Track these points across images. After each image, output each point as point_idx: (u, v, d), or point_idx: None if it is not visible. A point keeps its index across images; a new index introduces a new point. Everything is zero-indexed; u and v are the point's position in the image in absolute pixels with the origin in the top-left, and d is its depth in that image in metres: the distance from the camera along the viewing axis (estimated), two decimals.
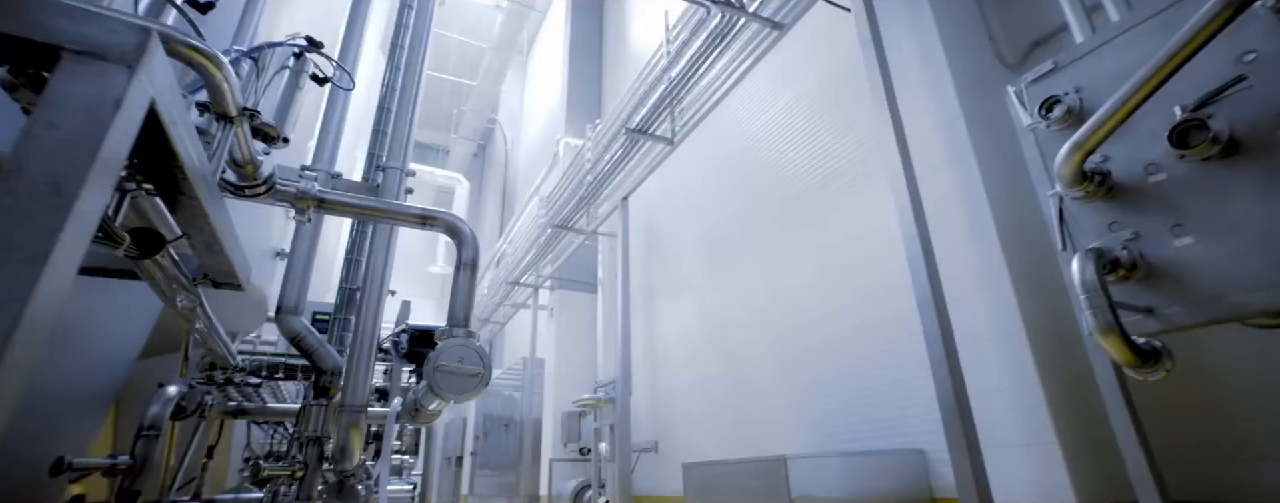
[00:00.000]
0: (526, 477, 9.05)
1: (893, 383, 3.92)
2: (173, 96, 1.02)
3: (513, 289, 10.68)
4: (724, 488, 4.15)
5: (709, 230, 6.55)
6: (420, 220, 1.97)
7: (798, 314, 5.00)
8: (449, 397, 1.67)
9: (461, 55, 17.65)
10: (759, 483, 3.73)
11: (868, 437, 4.05)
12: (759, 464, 3.77)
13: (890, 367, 3.96)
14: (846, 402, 4.30)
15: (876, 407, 4.03)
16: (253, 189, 1.67)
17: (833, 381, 4.48)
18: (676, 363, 6.76)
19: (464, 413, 15.31)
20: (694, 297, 6.62)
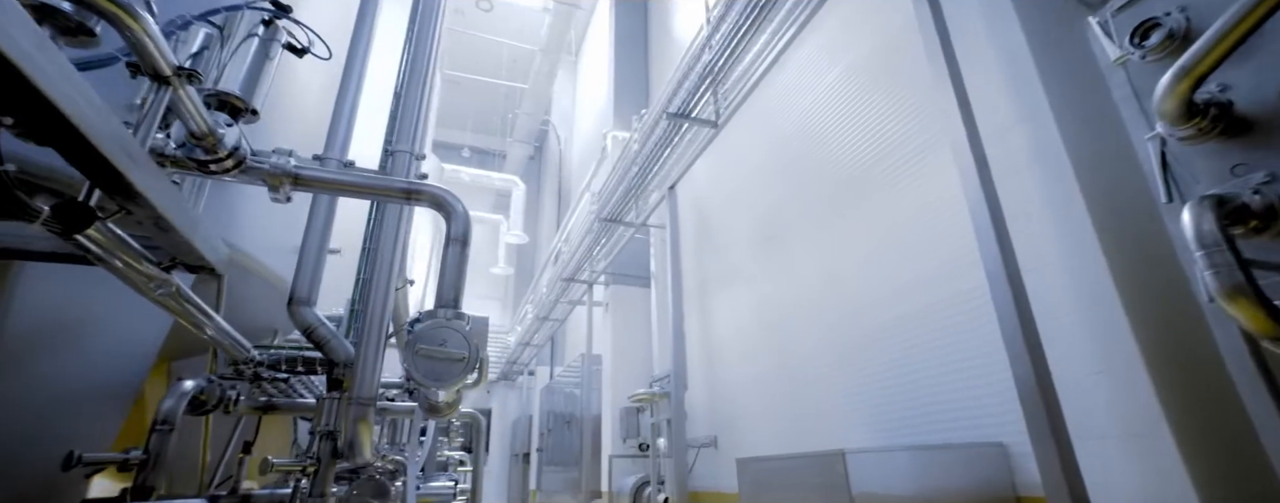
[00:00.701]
0: (588, 473, 8.95)
1: (965, 369, 3.50)
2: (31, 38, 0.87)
3: (568, 286, 10.61)
4: (779, 485, 3.84)
5: (760, 217, 6.20)
6: (405, 194, 1.80)
7: (855, 300, 4.61)
8: (428, 385, 1.49)
9: (513, 60, 17.85)
10: (816, 479, 3.41)
11: (937, 429, 3.65)
12: (815, 460, 3.45)
13: (962, 352, 3.55)
14: (912, 391, 3.90)
15: (946, 396, 3.62)
16: (218, 164, 1.54)
17: (895, 369, 4.08)
18: (732, 355, 6.45)
19: (529, 410, 15.46)
20: (747, 286, 6.29)
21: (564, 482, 11.01)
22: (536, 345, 14.17)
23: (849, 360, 4.60)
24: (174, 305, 1.66)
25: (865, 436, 4.31)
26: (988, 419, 3.31)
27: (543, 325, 12.88)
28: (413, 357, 1.50)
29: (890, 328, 4.20)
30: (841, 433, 4.58)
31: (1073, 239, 2.77)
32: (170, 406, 2.16)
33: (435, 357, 1.49)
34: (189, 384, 2.27)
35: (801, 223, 5.46)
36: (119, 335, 2.25)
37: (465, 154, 20.23)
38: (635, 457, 8.30)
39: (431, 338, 1.51)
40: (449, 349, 1.50)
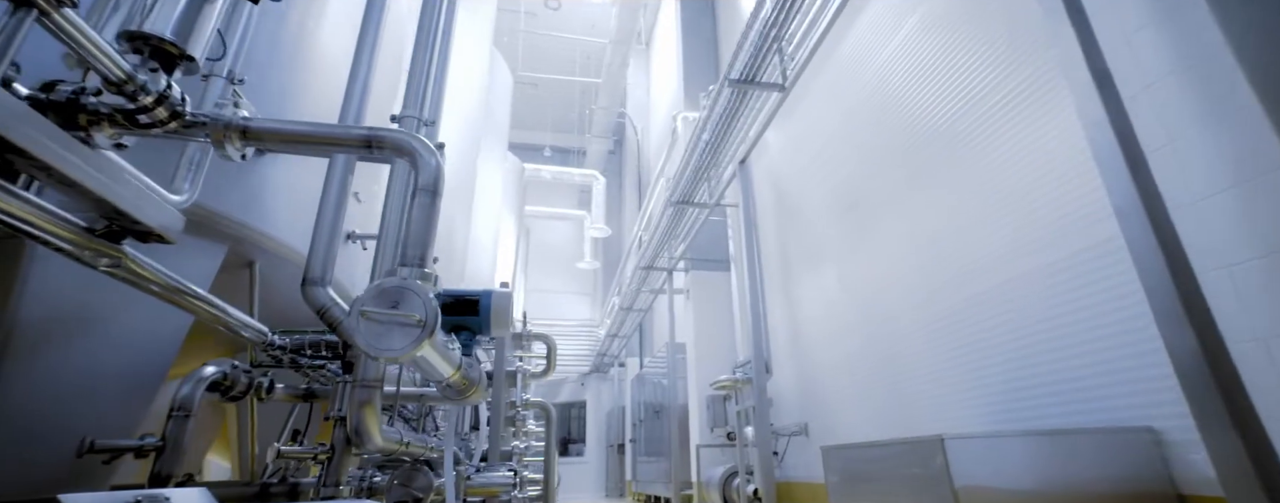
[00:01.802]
0: (678, 463, 8.65)
1: (1094, 339, 2.85)
2: None
3: (648, 275, 10.35)
4: (871, 475, 3.34)
5: (839, 187, 5.61)
6: (365, 143, 1.56)
7: (951, 267, 3.97)
8: (374, 352, 1.22)
9: (585, 56, 17.82)
10: (913, 469, 2.89)
11: (1059, 412, 3.01)
12: (910, 447, 2.93)
13: (1089, 318, 2.89)
14: (1025, 367, 3.26)
15: (1068, 371, 2.97)
16: (148, 114, 1.35)
17: (1002, 342, 3.44)
18: (820, 337, 5.90)
19: (622, 401, 15.40)
20: (831, 261, 5.71)
21: (657, 472, 10.78)
22: (624, 337, 14.05)
23: (946, 335, 3.98)
24: (124, 276, 1.50)
25: (971, 419, 3.69)
26: (1128, 398, 2.65)
27: (628, 316, 12.72)
28: (356, 320, 1.23)
29: (993, 297, 3.56)
30: (943, 417, 3.97)
31: (1245, 161, 2.11)
32: (186, 392, 2.06)
33: (384, 321, 1.22)
34: (209, 370, 2.17)
35: (884, 189, 4.84)
36: (141, 323, 2.18)
37: (547, 153, 20.50)
38: (723, 446, 7.91)
39: (382, 299, 1.24)
40: (401, 312, 1.22)
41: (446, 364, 1.65)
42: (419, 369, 1.57)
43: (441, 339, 1.53)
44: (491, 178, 11.37)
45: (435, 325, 1.27)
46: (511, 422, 4.37)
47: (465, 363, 2.18)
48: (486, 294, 2.29)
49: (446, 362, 1.64)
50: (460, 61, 7.87)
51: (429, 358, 1.47)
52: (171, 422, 2.01)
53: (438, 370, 1.63)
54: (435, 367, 1.57)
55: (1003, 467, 2.47)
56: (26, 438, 1.86)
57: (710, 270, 9.55)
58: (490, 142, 11.31)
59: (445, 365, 1.64)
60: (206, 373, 2.13)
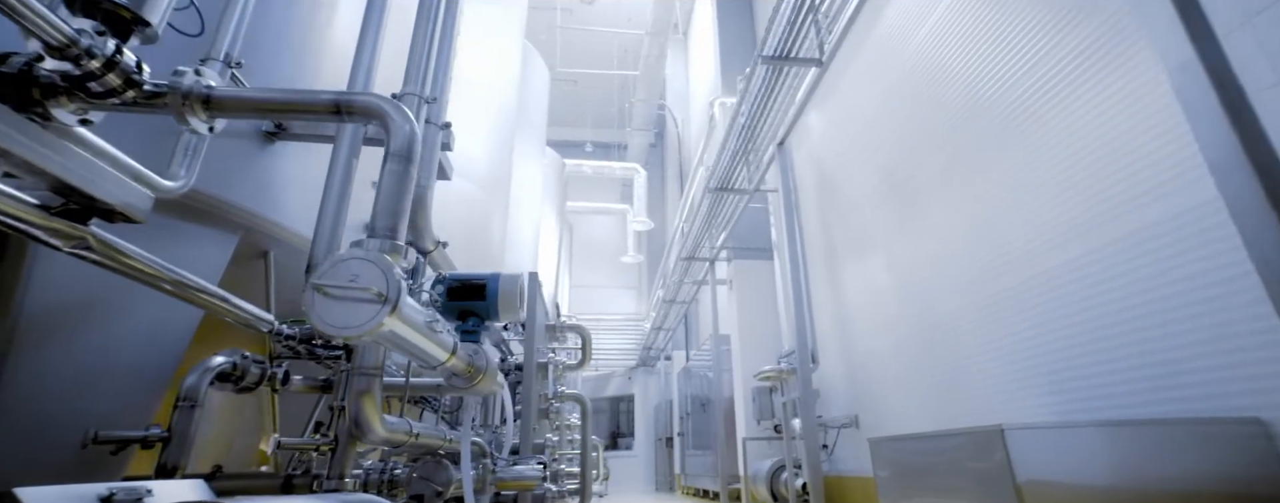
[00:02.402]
0: (725, 457, 8.42)
1: (1178, 318, 2.49)
2: None
3: (689, 265, 10.13)
4: (924, 469, 3.06)
5: (884, 169, 5.26)
6: (334, 108, 1.42)
7: (1009, 245, 3.62)
8: (329, 330, 1.08)
9: (623, 49, 17.66)
10: (970, 463, 2.61)
11: (1139, 400, 2.65)
12: (966, 439, 2.65)
13: (1171, 292, 2.53)
14: (1095, 352, 2.90)
15: (1150, 356, 2.61)
16: (99, 81, 1.25)
17: (1070, 325, 3.08)
18: (869, 325, 5.57)
19: (669, 395, 15.24)
20: (879, 248, 5.37)
21: (705, 466, 10.58)
22: (668, 329, 13.87)
23: (1005, 318, 3.62)
24: (97, 260, 1.41)
25: (1033, 409, 3.35)
26: (1230, 385, 2.29)
27: (671, 308, 12.53)
28: (312, 296, 1.09)
29: (1059, 274, 3.20)
30: (1001, 406, 3.63)
31: None
32: (192, 382, 2.00)
33: (340, 297, 1.08)
34: (217, 360, 2.10)
35: (931, 168, 4.49)
36: (151, 313, 2.13)
37: (588, 149, 20.49)
38: (770, 439, 7.63)
39: (340, 272, 1.10)
40: (359, 285, 1.07)
41: (435, 347, 1.51)
42: (403, 352, 1.43)
43: (421, 318, 1.38)
44: (530, 174, 11.36)
45: (398, 300, 1.11)
46: (545, 415, 4.25)
47: (470, 349, 2.05)
48: (494, 277, 2.15)
49: (434, 344, 1.50)
50: (490, 57, 7.82)
51: (408, 338, 1.32)
52: (177, 412, 1.95)
53: (425, 353, 1.48)
54: (420, 348, 1.42)
55: (1073, 460, 2.17)
56: (35, 430, 1.82)
57: (753, 259, 9.25)
58: (527, 138, 11.29)
59: (434, 348, 1.50)
60: (213, 363, 2.06)
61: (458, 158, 6.82)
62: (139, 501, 1.42)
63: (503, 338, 4.18)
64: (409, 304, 1.27)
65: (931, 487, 2.90)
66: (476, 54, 7.54)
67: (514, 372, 4.19)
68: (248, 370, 2.19)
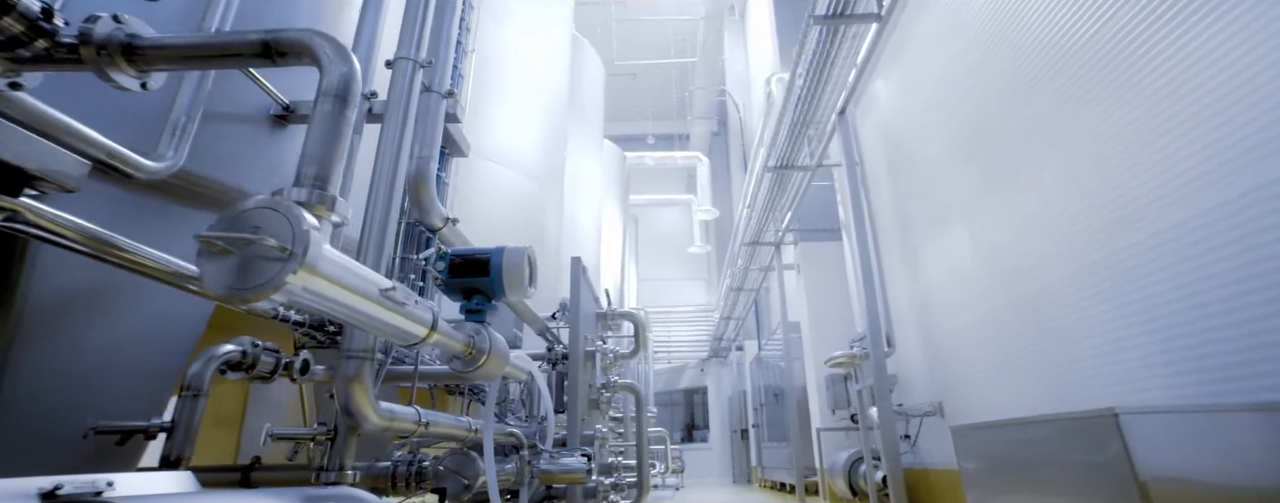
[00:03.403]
0: (800, 448, 7.97)
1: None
2: None
3: (754, 251, 9.69)
4: (1018, 461, 2.60)
5: (962, 133, 4.69)
6: (262, 48, 1.23)
7: (1116, 206, 3.06)
8: (218, 290, 0.87)
9: (680, 37, 17.29)
10: (1076, 454, 2.16)
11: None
12: (1071, 425, 2.20)
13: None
14: (1236, 323, 2.35)
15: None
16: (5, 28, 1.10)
17: (1207, 289, 2.53)
18: (950, 305, 5.01)
19: (742, 386, 14.80)
20: (960, 218, 4.80)
21: (782, 458, 10.14)
22: (738, 319, 13.43)
23: (1123, 283, 3.07)
24: (28, 232, 1.30)
25: (1165, 390, 2.80)
26: None
27: (739, 297, 12.10)
28: (200, 251, 0.90)
29: (1185, 232, 2.64)
30: (1121, 387, 3.08)
31: None
32: (196, 371, 1.92)
33: (224, 250, 0.87)
34: (224, 348, 2.01)
35: (1018, 127, 3.92)
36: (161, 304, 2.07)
37: (650, 141, 20.25)
38: (846, 429, 7.13)
39: (238, 223, 0.90)
40: (257, 237, 0.87)
41: (401, 319, 1.30)
42: (358, 325, 1.23)
43: (366, 282, 1.17)
44: (587, 168, 11.25)
45: (305, 255, 0.90)
46: (595, 405, 4.05)
47: (471, 329, 1.84)
48: (498, 251, 1.93)
49: (399, 316, 1.29)
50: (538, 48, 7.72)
51: (348, 305, 1.12)
52: (181, 402, 1.87)
53: (387, 325, 1.28)
54: (376, 319, 1.22)
55: (1218, 453, 1.70)
56: (40, 422, 1.78)
57: (821, 241, 8.72)
58: (584, 131, 11.18)
59: (399, 320, 1.29)
60: (220, 352, 1.97)
61: (508, 150, 6.75)
62: (99, 494, 1.30)
63: (548, 327, 4.00)
64: (337, 263, 1.06)
65: (1028, 481, 2.46)
66: (524, 46, 7.46)
67: (562, 362, 4.01)
68: (258, 359, 2.09)
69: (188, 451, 1.85)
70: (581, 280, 3.96)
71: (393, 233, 1.85)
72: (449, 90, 2.22)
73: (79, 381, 1.87)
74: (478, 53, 6.58)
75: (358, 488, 1.48)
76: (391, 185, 1.88)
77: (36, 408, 1.78)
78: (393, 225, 1.86)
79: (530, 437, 3.27)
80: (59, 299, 1.87)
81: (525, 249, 1.96)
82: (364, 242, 1.78)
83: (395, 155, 1.91)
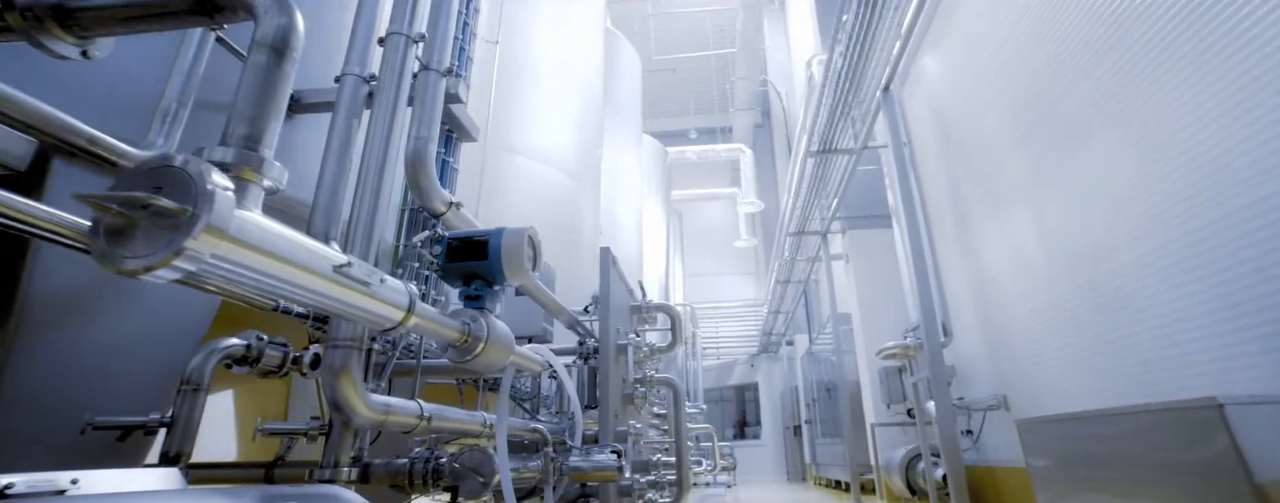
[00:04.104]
0: (853, 444, 7.60)
1: None
2: None
3: (800, 241, 9.33)
4: (1095, 458, 2.29)
5: (1021, 106, 4.28)
6: (196, 3, 1.11)
7: (1207, 175, 2.66)
8: (107, 262, 0.74)
9: (718, 27, 16.95)
10: (1169, 453, 1.85)
11: None
12: (1163, 418, 1.89)
13: None
14: None
15: None
16: None
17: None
18: (1013, 291, 4.60)
19: (793, 381, 14.35)
20: (1019, 199, 4.39)
21: (836, 455, 9.74)
22: (786, 313, 13.03)
23: (1209, 263, 2.68)
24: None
25: (1259, 380, 2.41)
26: None
27: (787, 289, 11.72)
28: (93, 218, 0.77)
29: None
30: (1208, 376, 2.69)
31: None
32: (197, 364, 1.85)
33: (113, 213, 0.74)
34: (226, 342, 1.94)
35: (1086, 95, 3.52)
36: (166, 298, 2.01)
37: (692, 136, 19.97)
38: (902, 425, 6.74)
39: (135, 183, 0.77)
40: (150, 198, 0.73)
41: (366, 298, 1.16)
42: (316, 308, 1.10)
43: (321, 259, 1.03)
44: (626, 163, 11.11)
45: (207, 217, 0.76)
46: (630, 400, 3.88)
47: (468, 315, 1.70)
48: (497, 232, 1.79)
49: (363, 295, 1.15)
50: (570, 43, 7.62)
51: (296, 282, 0.98)
52: (180, 397, 1.80)
53: (349, 305, 1.14)
54: (332, 298, 1.08)
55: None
56: (40, 418, 1.74)
57: (869, 228, 8.30)
58: (621, 127, 11.05)
59: (364, 299, 1.15)
60: (221, 345, 1.91)
61: (542, 146, 6.68)
62: (62, 492, 1.21)
63: (578, 320, 3.86)
64: (265, 229, 0.92)
65: (1106, 480, 2.14)
66: (556, 41, 7.38)
67: (594, 356, 3.86)
68: (263, 353, 2.02)
69: (188, 446, 1.78)
70: (611, 271, 3.80)
71: (385, 218, 1.73)
72: (448, 68, 2.09)
73: (82, 377, 1.83)
74: (510, 49, 6.53)
75: (337, 485, 1.36)
76: (381, 167, 1.76)
77: (39, 404, 1.75)
78: (384, 210, 1.74)
79: (558, 433, 3.13)
80: (62, 295, 1.83)
81: (525, 229, 1.80)
82: (352, 227, 1.67)
83: (386, 135, 1.79)
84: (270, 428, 1.90)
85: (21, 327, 1.76)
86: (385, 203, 1.75)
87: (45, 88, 1.73)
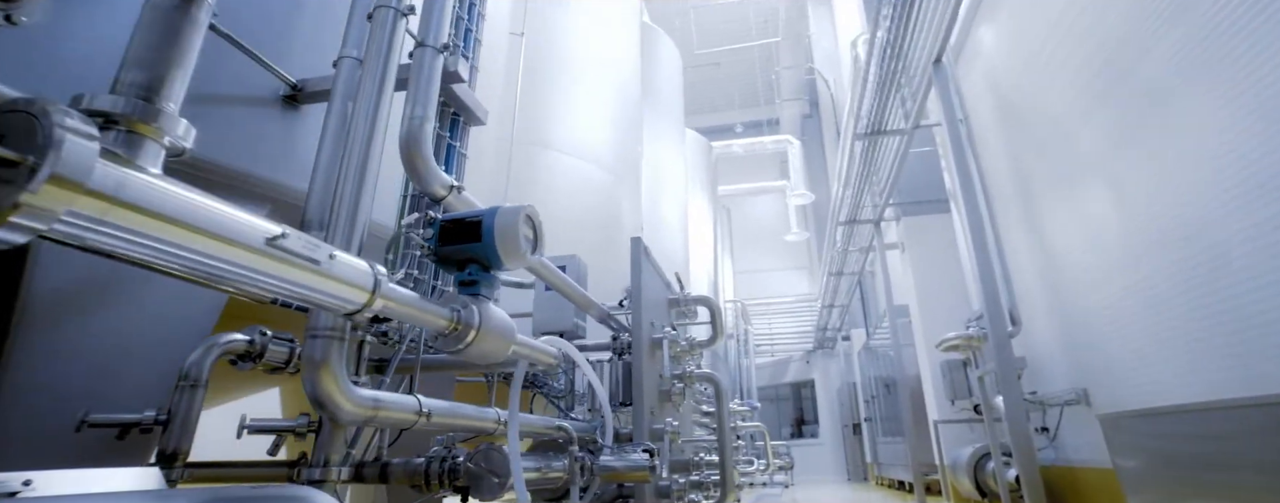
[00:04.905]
0: (915, 443, 7.14)
1: None
2: None
3: (851, 230, 8.89)
4: (1202, 457, 1.94)
5: (1099, 64, 3.83)
6: None
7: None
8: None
9: (761, 18, 16.52)
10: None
11: None
12: None
13: None
14: None
15: None
16: None
17: None
18: (1091, 274, 4.14)
19: (851, 377, 13.76)
20: (1100, 174, 3.93)
21: (897, 454, 9.23)
22: (840, 306, 12.51)
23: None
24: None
25: None
26: None
27: (841, 282, 11.23)
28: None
29: None
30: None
31: None
32: (195, 359, 1.79)
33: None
34: (229, 337, 1.88)
35: (1169, 46, 3.08)
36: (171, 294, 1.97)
37: (737, 130, 19.56)
38: (969, 421, 6.26)
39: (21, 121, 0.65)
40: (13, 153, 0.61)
41: (313, 276, 1.03)
42: (242, 288, 0.97)
43: (249, 229, 0.90)
44: (668, 159, 10.91)
45: (52, 167, 0.63)
46: (667, 397, 3.69)
47: (460, 302, 1.56)
48: (490, 212, 1.64)
49: (311, 273, 1.01)
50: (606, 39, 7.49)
51: (208, 252, 0.85)
52: (177, 393, 1.74)
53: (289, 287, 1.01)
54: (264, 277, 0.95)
55: None
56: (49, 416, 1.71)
57: (925, 214, 7.80)
58: (662, 122, 10.87)
59: (307, 277, 1.02)
60: (222, 340, 1.84)
61: (578, 141, 6.57)
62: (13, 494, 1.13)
63: (610, 314, 3.70)
64: (164, 191, 0.79)
65: (1213, 484, 1.80)
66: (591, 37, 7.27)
67: (628, 352, 3.69)
68: (267, 348, 1.94)
69: (185, 444, 1.72)
70: (642, 262, 3.63)
71: (370, 200, 1.61)
72: (445, 44, 1.97)
73: (84, 376, 1.79)
74: (543, 43, 6.45)
75: (305, 486, 1.23)
76: (367, 145, 1.65)
77: (41, 403, 1.72)
78: (371, 192, 1.62)
79: (590, 432, 2.98)
80: (64, 292, 1.80)
81: (522, 208, 1.65)
82: (334, 211, 1.56)
83: (371, 113, 1.68)
84: (256, 425, 1.82)
85: (23, 324, 1.73)
86: (371, 184, 1.63)
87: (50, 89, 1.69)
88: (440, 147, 2.21)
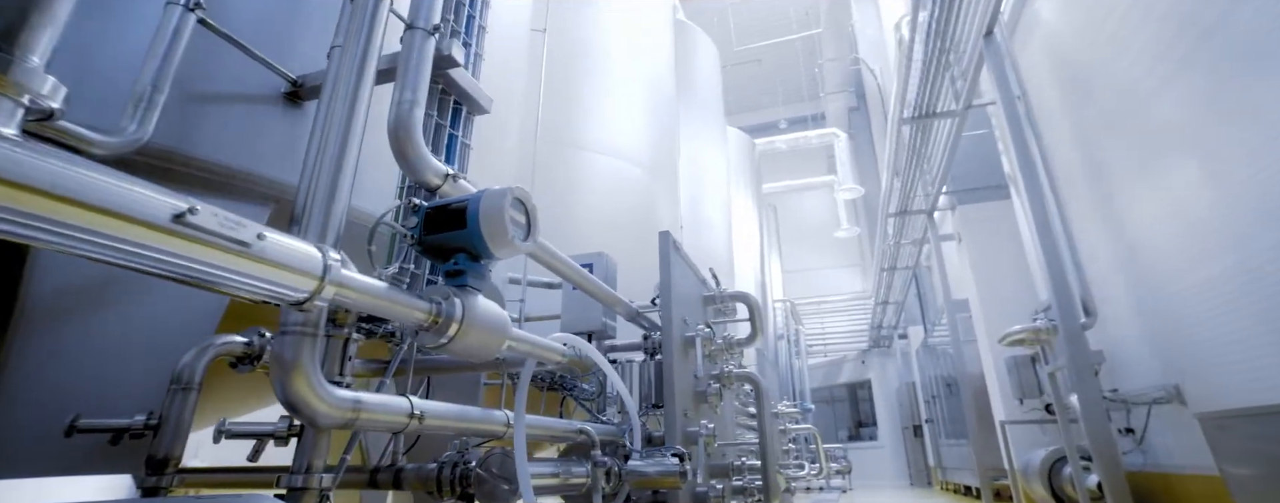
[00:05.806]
0: (980, 445, 6.64)
1: None
2: None
3: (903, 222, 8.42)
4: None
5: (1180, 21, 3.40)
6: None
7: None
8: None
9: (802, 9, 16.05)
10: None
11: None
12: None
13: None
14: None
15: None
16: None
17: None
18: (1178, 257, 3.68)
19: (909, 377, 13.08)
20: (1187, 146, 3.49)
21: (961, 457, 8.65)
22: (895, 303, 11.92)
23: None
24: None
25: None
26: None
27: (894, 277, 10.70)
28: None
29: None
30: None
31: None
32: (188, 362, 1.71)
33: None
34: (225, 339, 1.80)
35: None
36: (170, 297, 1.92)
37: (782, 126, 19.07)
38: (1040, 422, 5.75)
39: None
40: None
41: (236, 258, 0.89)
42: (150, 272, 0.85)
43: (152, 202, 0.77)
44: (709, 156, 10.66)
45: None
46: (702, 398, 3.48)
47: (442, 293, 1.42)
48: (475, 197, 1.50)
49: (234, 256, 0.88)
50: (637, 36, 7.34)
51: (95, 229, 0.72)
52: (169, 397, 1.67)
53: (208, 271, 0.88)
54: (175, 259, 0.82)
55: None
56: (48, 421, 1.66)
57: (982, 202, 7.29)
58: (701, 119, 10.64)
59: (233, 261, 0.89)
60: (218, 342, 1.77)
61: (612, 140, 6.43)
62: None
63: (639, 312, 3.52)
64: (26, 155, 0.66)
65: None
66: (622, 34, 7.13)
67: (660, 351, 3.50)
68: (265, 349, 1.86)
69: (177, 450, 1.65)
70: (671, 256, 3.43)
71: (348, 188, 1.50)
72: (436, 26, 1.85)
73: (81, 380, 1.74)
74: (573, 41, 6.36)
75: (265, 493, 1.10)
76: (346, 130, 1.53)
77: (36, 408, 1.68)
78: (347, 180, 1.50)
79: (617, 435, 2.81)
80: (62, 295, 1.76)
81: (510, 189, 1.50)
82: (307, 201, 1.44)
83: (351, 94, 1.56)
84: (233, 429, 1.72)
85: (21, 328, 1.70)
86: (349, 170, 1.51)
87: None
88: (440, 136, 2.09)
